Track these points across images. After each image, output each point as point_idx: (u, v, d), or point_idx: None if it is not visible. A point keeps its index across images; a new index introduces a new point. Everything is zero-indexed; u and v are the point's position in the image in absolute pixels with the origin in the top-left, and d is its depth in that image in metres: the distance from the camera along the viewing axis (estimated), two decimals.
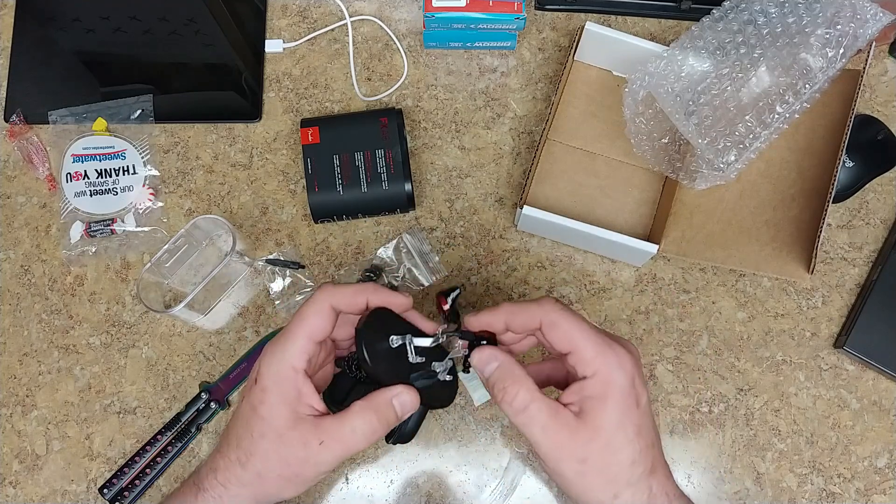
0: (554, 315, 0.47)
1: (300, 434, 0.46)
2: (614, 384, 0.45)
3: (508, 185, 0.74)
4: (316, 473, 0.47)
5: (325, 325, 0.48)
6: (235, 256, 0.67)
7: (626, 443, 0.45)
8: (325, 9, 0.79)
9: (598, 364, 0.45)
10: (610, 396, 0.45)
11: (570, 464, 0.45)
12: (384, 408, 0.47)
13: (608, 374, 0.45)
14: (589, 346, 0.46)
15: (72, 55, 0.78)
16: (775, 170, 0.70)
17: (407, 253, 0.71)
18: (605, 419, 0.45)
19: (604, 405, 0.45)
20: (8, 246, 0.73)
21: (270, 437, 0.46)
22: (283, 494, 0.48)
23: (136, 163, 0.74)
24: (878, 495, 0.66)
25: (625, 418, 0.45)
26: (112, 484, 0.65)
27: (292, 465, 0.46)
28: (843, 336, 0.69)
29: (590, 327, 0.47)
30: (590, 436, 0.45)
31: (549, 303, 0.48)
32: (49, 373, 0.70)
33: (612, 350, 0.46)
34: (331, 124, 0.71)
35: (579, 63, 0.76)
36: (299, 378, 0.47)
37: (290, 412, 0.46)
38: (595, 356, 0.45)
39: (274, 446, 0.46)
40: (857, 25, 0.61)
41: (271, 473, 0.47)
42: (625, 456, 0.45)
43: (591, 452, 0.45)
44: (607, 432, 0.45)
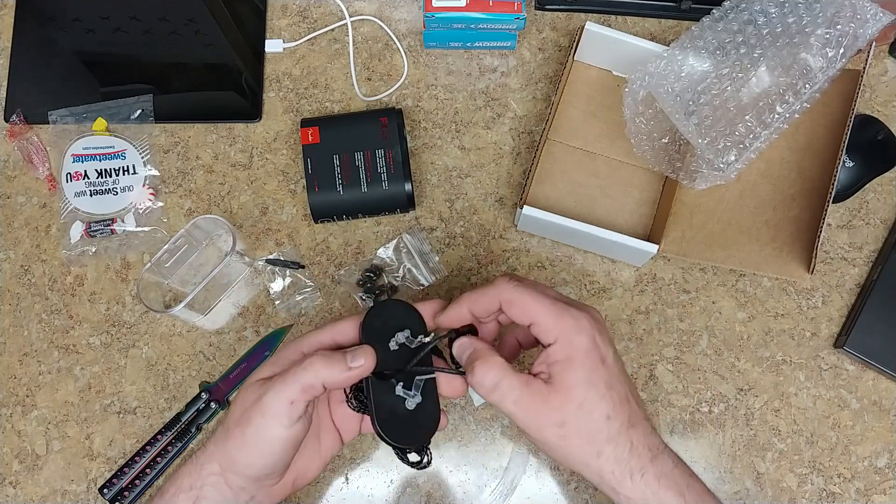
0: (510, 293, 0.48)
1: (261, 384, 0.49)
2: (576, 346, 0.47)
3: (508, 185, 0.74)
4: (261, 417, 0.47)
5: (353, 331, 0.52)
6: (235, 256, 0.67)
7: (599, 399, 0.46)
8: (325, 9, 0.79)
9: (558, 330, 0.47)
10: (574, 357, 0.46)
11: (549, 430, 0.46)
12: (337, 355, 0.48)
13: (569, 338, 0.47)
14: (547, 315, 0.47)
15: (72, 55, 0.78)
16: (775, 170, 0.70)
17: (407, 253, 0.71)
18: (573, 380, 0.46)
19: (570, 366, 0.46)
20: (8, 246, 0.73)
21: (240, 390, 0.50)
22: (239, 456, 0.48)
23: (136, 163, 0.74)
24: (878, 495, 0.66)
25: (593, 376, 0.46)
26: (112, 484, 0.65)
27: (246, 410, 0.48)
28: (843, 336, 0.69)
29: (546, 297, 0.48)
30: (562, 399, 0.46)
31: (504, 281, 0.49)
32: (49, 373, 0.70)
33: (570, 314, 0.47)
34: (331, 124, 0.71)
35: (579, 63, 0.76)
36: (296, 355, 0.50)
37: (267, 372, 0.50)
38: (555, 323, 0.47)
39: (240, 395, 0.50)
40: (857, 25, 0.61)
41: (230, 422, 0.48)
42: (599, 413, 0.46)
43: (566, 415, 0.46)
44: (578, 392, 0.46)
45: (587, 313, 0.48)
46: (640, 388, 0.69)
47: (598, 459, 0.46)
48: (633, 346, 0.70)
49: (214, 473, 0.48)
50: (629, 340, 0.70)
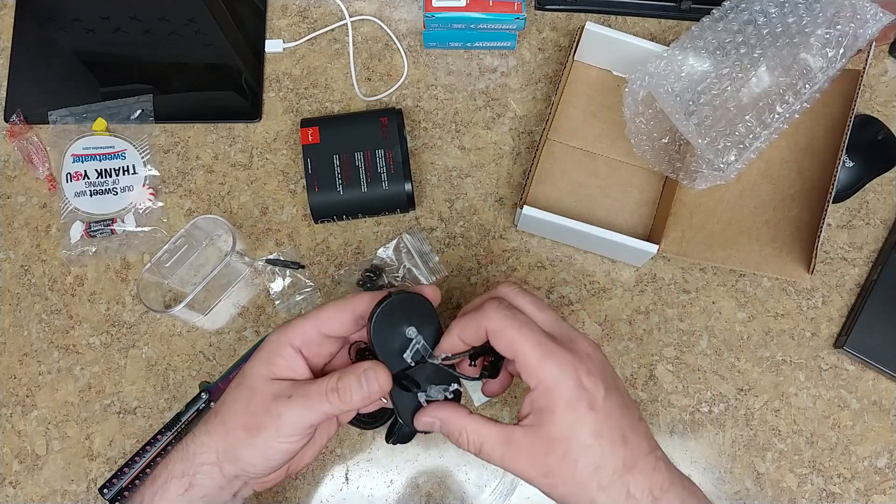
0: (496, 322, 0.46)
1: (274, 388, 0.48)
2: (558, 393, 0.44)
3: (508, 185, 0.74)
4: (276, 432, 0.47)
5: (338, 323, 0.49)
6: (235, 256, 0.67)
7: (583, 450, 0.43)
8: (325, 9, 0.79)
9: (539, 374, 0.44)
10: (556, 406, 0.44)
11: (538, 479, 0.45)
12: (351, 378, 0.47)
13: (550, 383, 0.44)
14: (530, 354, 0.44)
15: (72, 55, 0.78)
16: (775, 170, 0.70)
17: (407, 253, 0.71)
18: (554, 432, 0.44)
19: (552, 416, 0.44)
20: (8, 246, 0.73)
21: (243, 388, 0.48)
22: (243, 455, 0.47)
23: (136, 163, 0.74)
24: (878, 495, 0.66)
25: (577, 425, 0.43)
26: (112, 484, 0.65)
27: (256, 414, 0.47)
28: (843, 336, 0.69)
29: (533, 332, 0.45)
30: (545, 450, 0.44)
31: (492, 308, 0.46)
32: (49, 373, 0.70)
33: (553, 357, 0.44)
34: (331, 124, 0.71)
35: (579, 63, 0.76)
36: (289, 351, 0.48)
37: (269, 372, 0.48)
38: (536, 365, 0.44)
39: (244, 395, 0.48)
40: (857, 25, 0.61)
41: (235, 422, 0.48)
42: (585, 463, 0.43)
43: (551, 465, 0.44)
44: (561, 443, 0.44)
45: (575, 351, 0.45)
46: (640, 388, 0.69)
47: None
48: (633, 346, 0.70)
49: (208, 463, 0.48)
50: (629, 340, 0.70)
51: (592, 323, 0.70)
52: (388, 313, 0.48)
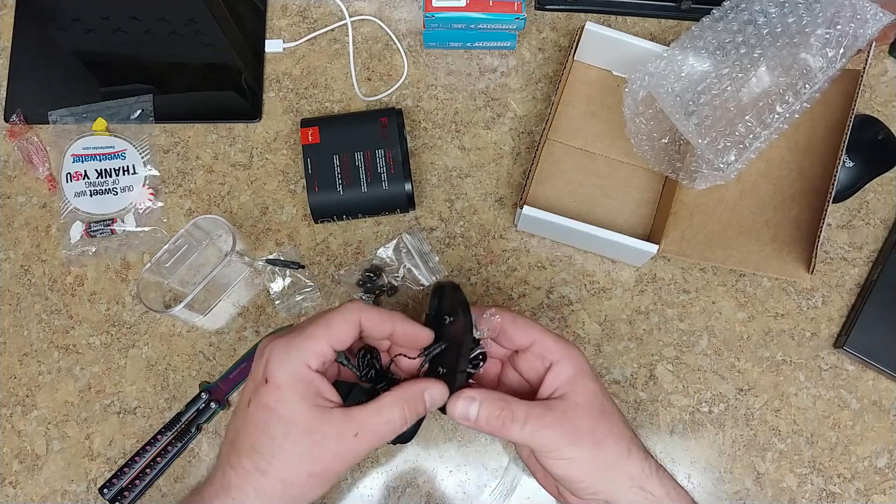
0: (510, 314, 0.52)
1: (333, 427, 0.44)
2: (581, 360, 0.51)
3: (508, 185, 0.74)
4: (346, 468, 0.46)
5: (347, 336, 0.47)
6: (235, 256, 0.67)
7: (612, 405, 0.51)
8: (325, 9, 0.79)
9: (560, 348, 0.50)
10: (583, 370, 0.50)
11: (584, 440, 0.48)
12: (416, 399, 0.47)
13: (572, 354, 0.51)
14: (546, 336, 0.51)
15: (72, 55, 0.78)
16: (775, 170, 0.70)
17: (407, 253, 0.71)
18: (586, 390, 0.50)
19: (583, 378, 0.50)
20: (8, 246, 0.73)
21: (297, 435, 0.43)
22: (309, 496, 0.45)
23: (136, 163, 0.74)
24: (878, 495, 0.66)
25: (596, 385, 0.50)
26: (112, 484, 0.65)
27: (325, 460, 0.44)
28: (843, 336, 0.69)
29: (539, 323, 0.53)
30: (586, 409, 0.49)
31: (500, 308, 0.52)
32: (49, 373, 0.70)
33: (563, 338, 0.52)
34: (331, 124, 0.71)
35: (579, 63, 0.76)
36: (315, 376, 0.45)
37: (314, 407, 0.44)
38: (555, 343, 0.51)
39: (303, 444, 0.43)
40: (857, 25, 0.61)
41: (299, 475, 0.43)
42: (617, 416, 0.50)
43: (594, 421, 0.49)
44: (598, 399, 0.50)
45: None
46: (640, 388, 0.69)
47: (628, 460, 0.49)
48: (633, 346, 0.70)
49: None
50: (629, 340, 0.70)
51: (592, 323, 0.70)
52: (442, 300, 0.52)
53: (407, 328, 0.49)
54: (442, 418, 0.68)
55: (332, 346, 0.46)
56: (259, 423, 0.44)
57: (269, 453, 0.43)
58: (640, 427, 0.68)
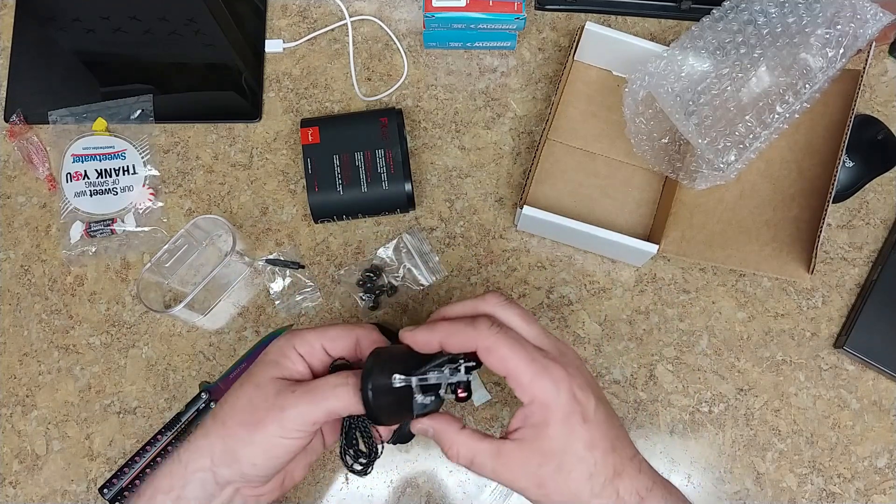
0: (489, 340, 0.46)
1: (277, 385, 0.47)
2: (553, 407, 0.45)
3: (508, 185, 0.74)
4: (279, 427, 0.46)
5: (340, 345, 0.50)
6: (235, 256, 0.67)
7: (578, 461, 0.45)
8: (325, 9, 0.79)
9: (534, 389, 0.45)
10: (551, 421, 0.45)
11: (531, 490, 0.45)
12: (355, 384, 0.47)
13: (545, 398, 0.45)
14: (524, 371, 0.45)
15: (72, 55, 0.78)
16: (775, 170, 0.70)
17: (407, 253, 0.71)
18: (550, 443, 0.45)
19: (546, 430, 0.45)
20: (8, 246, 0.73)
21: (247, 386, 0.48)
22: (243, 454, 0.46)
23: (136, 163, 0.74)
24: (878, 495, 0.66)
25: (571, 437, 0.45)
26: (112, 484, 0.65)
27: (258, 409, 0.46)
28: (843, 336, 0.69)
29: (525, 349, 0.46)
30: (539, 461, 0.45)
31: (484, 324, 0.47)
32: (49, 373, 0.70)
33: (547, 372, 0.45)
34: (331, 124, 0.71)
35: (579, 63, 0.76)
36: (294, 355, 0.49)
37: (274, 371, 0.48)
38: (531, 381, 0.45)
39: (247, 392, 0.48)
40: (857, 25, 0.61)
41: (234, 420, 0.47)
42: (579, 473, 0.45)
43: (544, 476, 0.45)
44: (556, 455, 0.45)
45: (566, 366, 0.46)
46: (640, 388, 0.69)
47: None
48: (633, 346, 0.70)
49: (202, 469, 0.47)
50: (629, 340, 0.70)
51: (592, 323, 0.70)
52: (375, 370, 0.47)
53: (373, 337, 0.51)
54: None
55: (323, 345, 0.49)
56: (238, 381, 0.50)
57: (222, 401, 0.49)
58: (640, 427, 0.68)
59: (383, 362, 0.47)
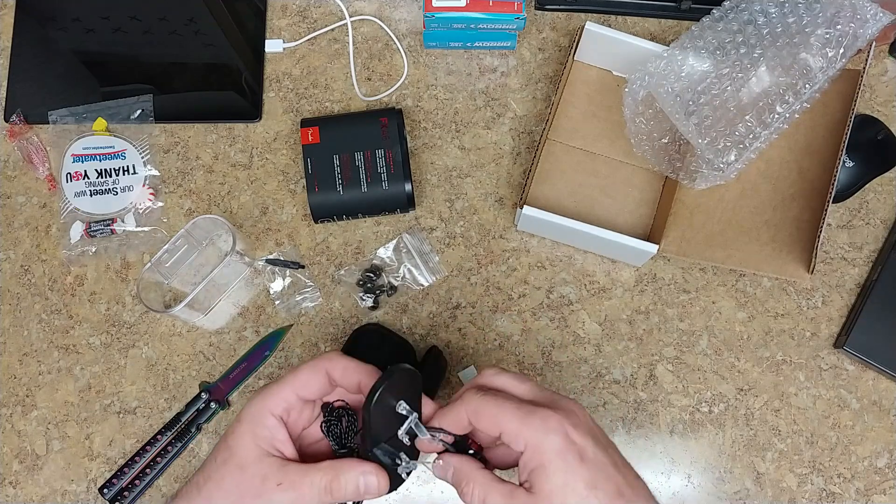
0: (474, 403, 0.46)
1: (262, 469, 0.46)
2: (546, 449, 0.44)
3: (508, 185, 0.74)
4: None
5: (315, 386, 0.49)
6: (235, 256, 0.67)
7: (580, 500, 0.43)
8: (325, 9, 0.79)
9: (525, 435, 0.44)
10: (546, 462, 0.44)
11: None
12: (349, 480, 0.47)
13: (537, 442, 0.44)
14: (511, 420, 0.45)
15: (72, 55, 0.78)
16: (775, 170, 0.70)
17: (407, 253, 0.71)
18: (549, 487, 0.43)
19: (544, 473, 0.44)
20: (8, 246, 0.73)
21: (231, 466, 0.47)
22: None
23: (136, 163, 0.74)
24: (878, 495, 0.66)
25: (570, 478, 0.43)
26: (112, 484, 0.65)
27: (245, 497, 0.46)
28: (843, 336, 0.69)
29: (510, 401, 0.46)
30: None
31: (470, 393, 0.47)
32: (49, 373, 0.70)
33: (536, 416, 0.45)
34: (331, 124, 0.71)
35: (579, 63, 0.76)
36: (272, 422, 0.48)
37: (258, 448, 0.47)
38: (520, 428, 0.44)
39: (232, 474, 0.47)
40: (857, 25, 0.61)
41: (223, 500, 0.46)
42: None
43: None
44: (557, 497, 0.43)
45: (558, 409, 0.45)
46: (640, 388, 0.69)
47: None
48: (633, 346, 0.70)
49: None
50: (629, 340, 0.70)
51: (592, 323, 0.70)
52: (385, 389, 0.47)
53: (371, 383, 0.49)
54: None
55: (298, 395, 0.48)
56: (215, 448, 0.48)
57: (207, 474, 0.47)
58: (639, 427, 0.68)
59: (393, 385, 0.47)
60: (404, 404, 0.48)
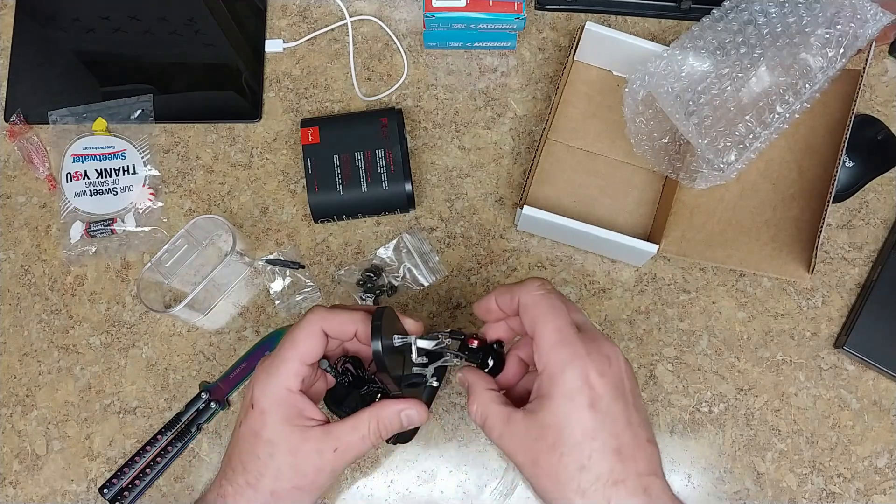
0: (531, 296, 0.45)
1: (314, 445, 0.47)
2: (560, 382, 0.42)
3: (508, 185, 0.74)
4: (331, 479, 0.48)
5: (315, 348, 0.49)
6: (235, 256, 0.67)
7: (573, 445, 0.41)
8: (325, 9, 0.79)
9: (548, 358, 0.43)
10: (555, 394, 0.42)
11: (526, 466, 0.43)
12: (392, 419, 0.48)
13: (554, 370, 0.43)
14: (548, 336, 0.43)
15: (72, 55, 0.78)
16: (775, 170, 0.70)
17: (407, 253, 0.71)
18: (549, 418, 0.42)
19: (549, 403, 0.42)
20: (8, 246, 0.73)
21: (281, 455, 0.47)
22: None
23: (136, 163, 0.74)
24: (878, 495, 0.66)
25: (571, 417, 0.42)
26: (112, 484, 0.65)
27: (308, 475, 0.47)
28: (843, 336, 0.69)
29: (559, 317, 0.44)
30: (537, 435, 0.43)
31: (533, 284, 0.46)
32: (49, 373, 0.70)
33: (568, 346, 0.43)
34: (331, 124, 0.71)
35: (579, 63, 0.76)
36: (296, 397, 0.48)
37: (297, 429, 0.47)
38: (549, 348, 0.43)
39: (287, 462, 0.47)
40: (857, 25, 0.61)
41: (285, 488, 0.47)
42: (570, 460, 0.41)
43: (539, 453, 0.42)
44: (552, 432, 0.42)
45: (593, 351, 0.43)
46: (641, 388, 0.69)
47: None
48: (633, 346, 0.70)
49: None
50: (629, 340, 0.70)
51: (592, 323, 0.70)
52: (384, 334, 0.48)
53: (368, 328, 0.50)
54: (442, 418, 0.68)
55: (305, 362, 0.48)
56: (248, 445, 0.48)
57: (257, 471, 0.47)
58: None
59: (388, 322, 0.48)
60: (397, 337, 0.49)
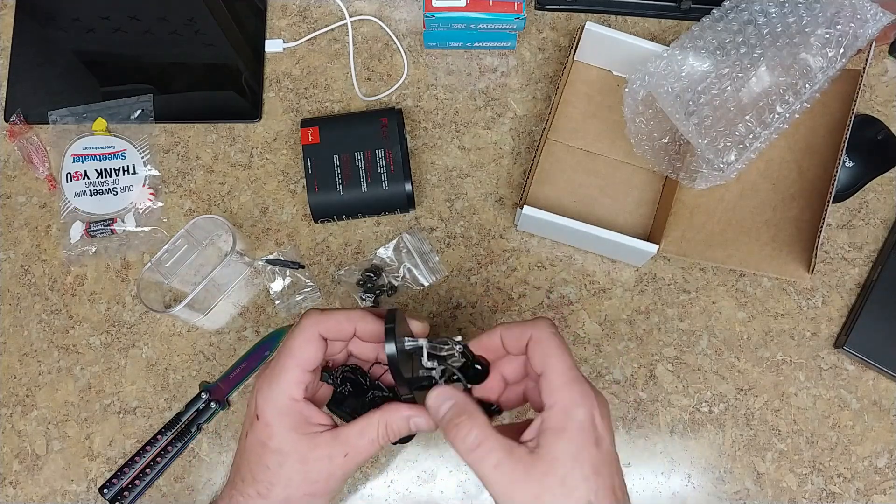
0: (543, 333, 0.47)
1: (324, 451, 0.47)
2: (573, 417, 0.44)
3: (508, 185, 0.74)
4: (343, 482, 0.48)
5: (314, 354, 0.48)
6: (235, 256, 0.67)
7: (582, 480, 0.42)
8: (325, 9, 0.79)
9: (561, 394, 0.44)
10: (567, 429, 0.43)
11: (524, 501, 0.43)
12: (401, 425, 0.48)
13: (568, 406, 0.44)
14: (561, 374, 0.45)
15: (72, 55, 0.78)
16: (775, 170, 0.70)
17: (407, 253, 0.71)
18: (560, 453, 0.43)
19: (561, 438, 0.43)
20: (8, 246, 0.73)
21: (291, 464, 0.47)
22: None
23: (136, 163, 0.74)
24: (878, 495, 0.66)
25: (581, 454, 0.43)
26: (112, 484, 0.65)
27: (319, 481, 0.47)
28: (843, 336, 0.69)
29: (568, 359, 0.46)
30: (545, 469, 0.43)
31: (545, 322, 0.48)
32: (49, 373, 0.70)
33: (580, 385, 0.45)
34: (331, 124, 0.71)
35: (579, 63, 0.76)
36: (301, 405, 0.47)
37: (305, 437, 0.47)
38: (562, 385, 0.45)
39: (297, 470, 0.47)
40: (857, 25, 0.61)
41: (297, 495, 0.47)
42: (581, 494, 0.42)
43: (545, 488, 0.42)
44: (563, 466, 0.43)
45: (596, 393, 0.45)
46: (640, 388, 0.69)
47: None
48: (633, 346, 0.70)
49: None
50: (629, 340, 0.70)
51: (592, 323, 0.70)
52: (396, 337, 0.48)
53: (368, 327, 0.50)
54: None
55: (305, 369, 0.48)
56: (255, 455, 0.48)
57: (268, 481, 0.47)
58: (639, 427, 0.68)
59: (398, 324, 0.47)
60: (408, 340, 0.48)
